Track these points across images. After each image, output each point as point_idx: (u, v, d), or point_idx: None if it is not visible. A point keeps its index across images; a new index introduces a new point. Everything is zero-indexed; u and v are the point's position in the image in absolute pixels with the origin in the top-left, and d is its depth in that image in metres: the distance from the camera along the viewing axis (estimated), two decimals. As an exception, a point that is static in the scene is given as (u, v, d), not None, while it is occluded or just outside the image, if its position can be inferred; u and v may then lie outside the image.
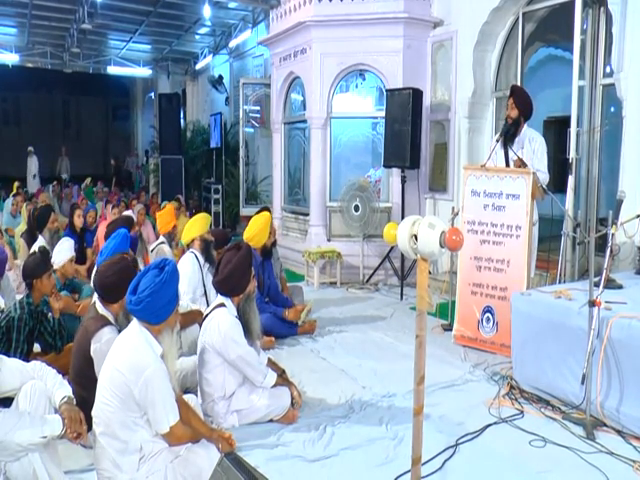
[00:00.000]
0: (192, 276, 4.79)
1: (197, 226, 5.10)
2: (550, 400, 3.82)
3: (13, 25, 13.40)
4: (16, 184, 12.73)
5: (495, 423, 3.58)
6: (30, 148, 16.44)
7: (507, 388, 4.05)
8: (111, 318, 3.32)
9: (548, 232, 5.24)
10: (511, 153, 4.94)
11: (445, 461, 3.13)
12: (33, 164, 16.44)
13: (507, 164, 5.02)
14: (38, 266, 3.96)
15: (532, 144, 4.96)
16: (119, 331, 3.25)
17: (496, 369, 4.44)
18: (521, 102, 4.99)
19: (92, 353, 3.18)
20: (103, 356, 3.06)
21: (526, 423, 3.57)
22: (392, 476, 2.97)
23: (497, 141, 5.13)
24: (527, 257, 4.68)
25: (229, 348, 3.42)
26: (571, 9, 5.16)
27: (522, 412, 3.73)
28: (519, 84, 6.43)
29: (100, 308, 3.33)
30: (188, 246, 5.13)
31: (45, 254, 4.21)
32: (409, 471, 2.66)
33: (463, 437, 3.39)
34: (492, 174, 4.88)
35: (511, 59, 6.95)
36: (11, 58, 14.94)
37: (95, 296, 3.42)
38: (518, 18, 6.67)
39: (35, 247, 5.46)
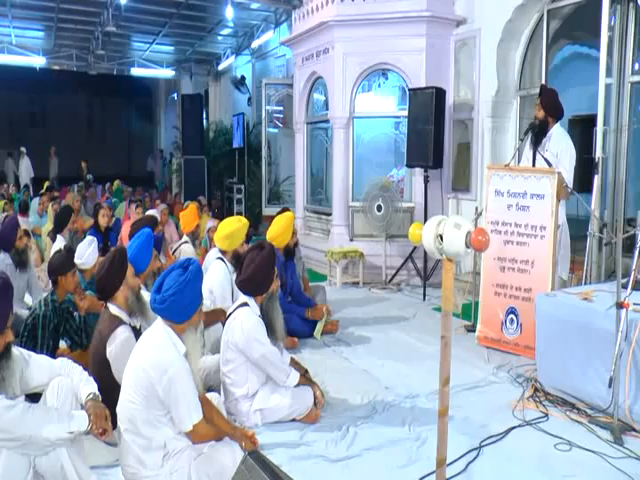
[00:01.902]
0: (225, 285, 4.71)
1: (238, 238, 4.90)
2: (576, 403, 3.76)
3: (40, 29, 13.63)
4: (46, 184, 12.96)
5: (519, 426, 3.54)
6: (22, 149, 16.60)
7: (531, 390, 3.99)
8: (124, 316, 3.34)
9: (574, 232, 5.17)
10: (538, 154, 4.87)
11: (469, 463, 3.10)
12: (24, 165, 16.63)
13: (534, 164, 4.96)
14: (63, 264, 4.03)
15: (558, 145, 4.89)
16: (134, 328, 3.30)
17: (520, 371, 4.39)
18: (547, 103, 4.92)
19: (108, 356, 3.21)
20: (119, 357, 3.11)
21: (551, 426, 3.52)
22: (415, 477, 2.95)
23: (521, 140, 5.07)
24: (552, 258, 4.62)
25: (252, 347, 3.44)
26: (598, 5, 5.07)
27: (547, 415, 3.68)
28: (544, 82, 6.36)
29: (112, 308, 3.36)
30: (212, 245, 5.12)
31: (70, 252, 4.28)
32: (432, 473, 2.65)
33: (487, 439, 3.35)
34: (516, 174, 4.83)
35: (535, 57, 6.87)
36: (38, 61, 15.20)
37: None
38: (543, 15, 6.59)
39: (56, 246, 5.55)
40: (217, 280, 4.59)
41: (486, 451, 3.25)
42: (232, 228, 4.80)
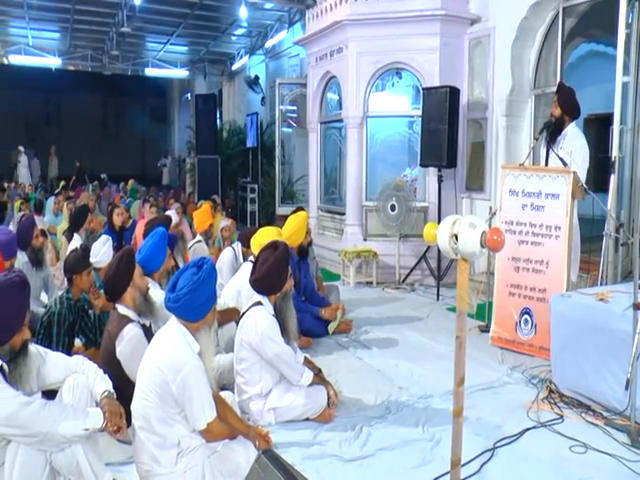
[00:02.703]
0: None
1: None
2: (591, 405, 3.72)
3: (56, 30, 13.78)
4: (62, 183, 13.08)
5: (534, 427, 3.51)
6: (20, 148, 16.71)
7: (546, 392, 3.96)
8: (132, 315, 3.37)
9: (589, 233, 5.12)
10: (552, 153, 4.84)
11: (483, 464, 3.08)
12: (22, 162, 16.75)
13: (547, 163, 4.92)
14: (78, 262, 4.06)
15: (572, 144, 4.84)
16: (143, 326, 3.33)
17: (534, 372, 4.35)
18: (564, 101, 4.87)
19: (118, 355, 3.23)
20: (129, 355, 3.13)
21: (566, 428, 3.49)
22: (429, 478, 2.94)
23: (536, 139, 5.03)
24: (567, 258, 4.58)
25: (266, 346, 3.44)
26: (615, 2, 5.02)
27: (562, 417, 3.64)
28: (559, 81, 6.31)
29: (120, 308, 3.39)
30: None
31: (86, 251, 4.31)
32: (447, 473, 2.64)
33: (501, 440, 3.33)
34: (531, 173, 4.79)
35: (550, 55, 6.81)
36: (54, 62, 15.37)
37: None
38: (558, 13, 6.53)
39: (72, 245, 5.59)
40: (246, 282, 4.60)
41: (500, 452, 3.22)
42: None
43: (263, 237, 4.85)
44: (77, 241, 5.73)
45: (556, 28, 6.60)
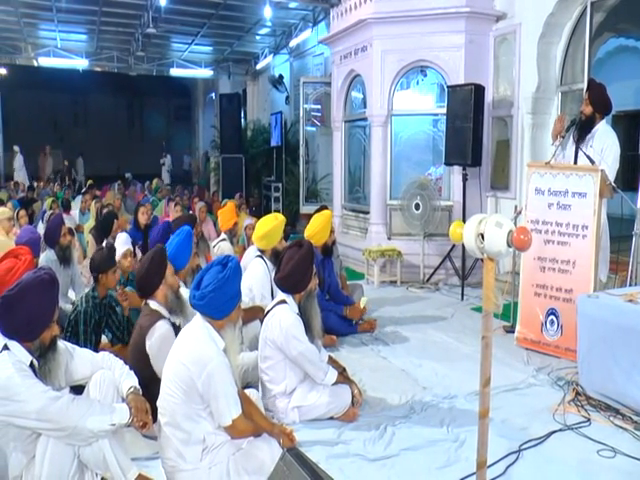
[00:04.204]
0: (264, 283, 4.70)
1: (276, 236, 4.86)
2: (620, 409, 3.65)
3: (84, 32, 14.00)
4: (89, 182, 13.27)
5: (560, 430, 3.46)
6: (15, 148, 16.87)
7: (573, 394, 3.90)
8: (164, 311, 3.42)
9: (618, 232, 5.03)
10: (580, 151, 4.75)
11: (508, 466, 3.05)
12: (18, 162, 16.92)
13: (575, 162, 4.84)
14: (104, 261, 4.12)
15: (602, 142, 4.75)
16: (173, 324, 3.36)
17: (561, 374, 4.29)
18: (595, 98, 4.78)
19: (148, 349, 3.28)
20: (158, 350, 3.17)
21: (593, 431, 3.43)
22: (454, 479, 2.92)
23: (562, 137, 4.95)
24: (595, 258, 4.51)
25: (290, 345, 3.45)
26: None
27: (589, 420, 3.58)
28: (586, 77, 6.21)
29: (152, 304, 3.45)
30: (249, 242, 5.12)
31: (112, 250, 4.38)
32: (472, 475, 2.62)
33: (527, 443, 3.29)
34: (557, 171, 4.72)
35: (578, 51, 6.70)
36: (81, 63, 15.62)
37: None
38: (586, 8, 6.41)
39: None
40: (257, 278, 4.61)
41: (526, 455, 3.19)
42: (268, 227, 4.78)
43: (262, 226, 4.84)
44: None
45: (584, 23, 6.49)
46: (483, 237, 2.17)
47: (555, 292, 4.71)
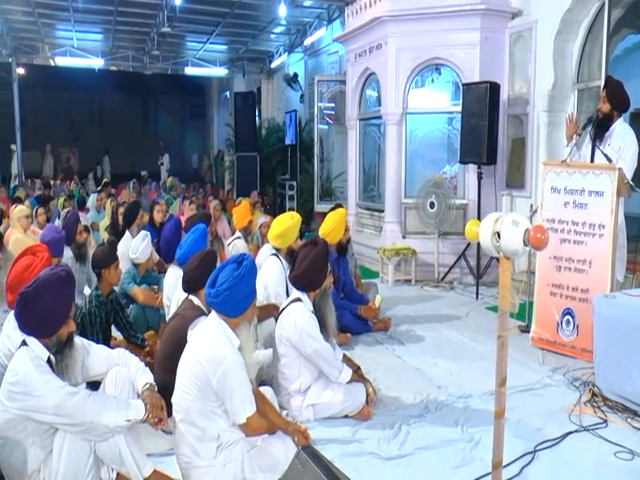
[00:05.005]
0: (279, 281, 4.69)
1: (292, 235, 4.85)
2: (637, 410, 3.60)
3: (99, 32, 14.11)
4: (105, 180, 13.37)
5: (576, 431, 3.43)
6: (12, 147, 16.95)
7: (589, 395, 3.86)
8: (204, 309, 3.44)
9: (635, 232, 4.97)
10: (597, 150, 4.70)
11: (523, 467, 3.03)
12: (15, 162, 16.99)
13: (592, 160, 4.79)
14: (106, 257, 4.08)
15: (621, 140, 4.69)
16: None
17: (577, 374, 4.25)
18: (614, 96, 4.72)
19: (189, 338, 3.29)
20: None
21: (610, 433, 3.39)
22: (468, 479, 2.91)
23: (579, 135, 4.90)
24: (612, 258, 4.46)
25: (305, 342, 3.46)
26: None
27: (606, 421, 3.55)
28: (604, 74, 6.14)
29: (195, 300, 3.48)
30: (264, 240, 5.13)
31: (113, 245, 4.38)
32: (487, 475, 2.61)
33: (542, 444, 3.26)
34: (574, 170, 4.68)
35: (595, 48, 6.63)
36: (97, 62, 15.74)
37: None
38: (604, 4, 6.34)
39: (124, 242, 5.67)
40: (272, 276, 4.61)
41: (541, 456, 3.16)
42: (285, 226, 4.78)
43: (278, 225, 4.83)
44: (128, 239, 5.78)
45: (601, 20, 6.41)
46: (499, 236, 2.16)
47: (571, 292, 4.67)
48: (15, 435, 2.44)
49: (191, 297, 3.53)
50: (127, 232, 6.18)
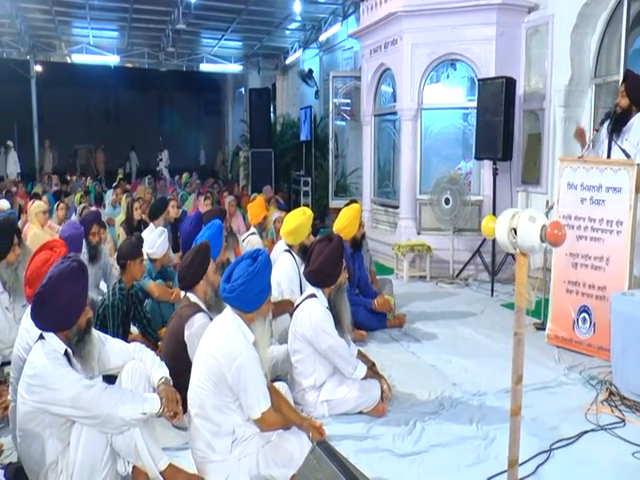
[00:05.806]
0: (292, 277, 4.70)
1: (304, 231, 4.86)
2: (656, 409, 3.57)
3: (115, 29, 14.22)
4: (119, 176, 13.46)
5: (593, 430, 3.39)
6: (9, 143, 16.93)
7: (606, 394, 3.81)
8: (202, 306, 3.49)
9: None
10: (615, 145, 4.64)
11: (538, 466, 3.00)
12: (12, 158, 16.99)
13: (609, 155, 4.74)
14: (133, 249, 4.15)
15: (638, 135, 4.63)
16: (210, 317, 3.41)
17: (593, 373, 4.21)
18: (633, 90, 4.65)
19: (186, 338, 3.34)
20: (196, 340, 3.20)
21: (628, 432, 3.35)
22: (483, 477, 2.89)
23: (596, 130, 4.85)
24: (630, 255, 4.40)
25: (320, 338, 3.46)
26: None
27: (623, 420, 3.50)
28: (622, 69, 6.06)
29: (191, 297, 3.51)
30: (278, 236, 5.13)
31: (140, 240, 4.42)
32: (502, 473, 2.59)
33: (558, 442, 3.23)
34: (590, 166, 4.62)
35: (613, 42, 6.54)
36: (113, 59, 15.88)
37: None
38: (623, -3, 6.27)
39: (145, 234, 5.71)
40: (285, 272, 4.62)
41: (557, 454, 3.13)
42: (296, 222, 4.77)
43: (290, 221, 4.83)
44: (150, 231, 5.81)
45: (620, 13, 6.33)
46: (516, 232, 2.14)
47: (588, 289, 4.62)
48: (34, 427, 2.47)
49: (188, 294, 3.54)
50: (151, 224, 6.25)
